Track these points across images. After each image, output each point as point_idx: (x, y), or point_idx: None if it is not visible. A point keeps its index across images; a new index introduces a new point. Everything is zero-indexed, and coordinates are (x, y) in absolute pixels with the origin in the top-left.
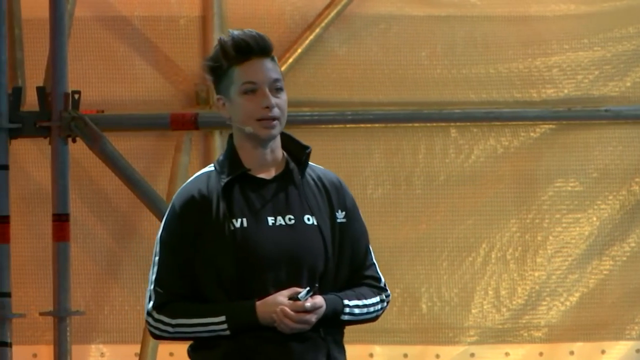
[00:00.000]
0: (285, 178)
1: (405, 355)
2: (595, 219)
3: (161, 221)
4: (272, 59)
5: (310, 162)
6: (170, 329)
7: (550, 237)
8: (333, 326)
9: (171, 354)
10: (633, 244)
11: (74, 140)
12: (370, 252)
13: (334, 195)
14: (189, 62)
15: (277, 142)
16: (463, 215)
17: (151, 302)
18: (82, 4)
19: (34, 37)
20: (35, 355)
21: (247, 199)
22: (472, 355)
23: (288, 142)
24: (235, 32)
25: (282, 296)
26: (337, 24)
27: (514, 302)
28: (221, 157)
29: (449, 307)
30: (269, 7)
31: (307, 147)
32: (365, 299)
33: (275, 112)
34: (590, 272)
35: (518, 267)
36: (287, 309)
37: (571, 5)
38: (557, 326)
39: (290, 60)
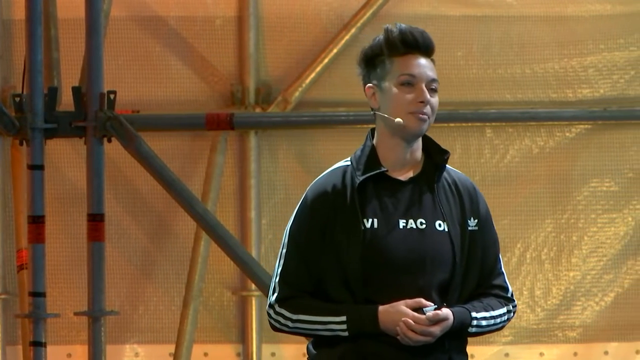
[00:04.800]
0: (420, 181)
1: None
2: (630, 219)
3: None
4: (432, 60)
5: (447, 165)
6: (290, 323)
7: (585, 237)
8: (459, 338)
9: (205, 354)
10: None
11: (109, 140)
12: (500, 261)
13: (467, 202)
14: (225, 62)
15: (419, 143)
16: (498, 215)
17: (274, 295)
18: (117, 4)
19: (70, 37)
20: (69, 355)
21: (380, 200)
22: (507, 355)
23: (428, 144)
24: (403, 25)
25: (405, 306)
26: (373, 24)
27: (548, 302)
28: (358, 152)
29: None
30: (305, 7)
31: (446, 152)
32: (493, 310)
33: (428, 109)
34: (626, 272)
35: (553, 267)
36: (411, 321)
37: (607, 5)
38: (592, 326)
39: (326, 60)
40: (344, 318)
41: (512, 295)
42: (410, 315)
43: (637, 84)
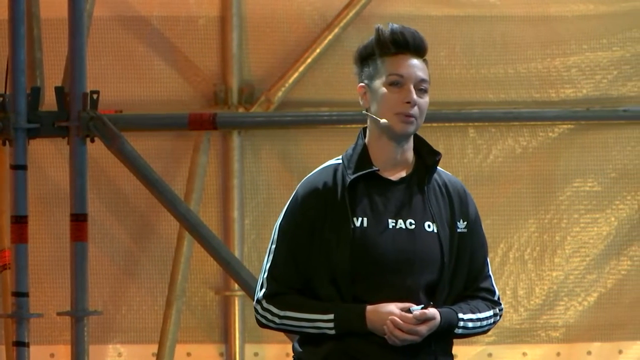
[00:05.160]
0: (411, 181)
1: None
2: (613, 219)
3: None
4: (424, 61)
5: (438, 167)
6: (277, 319)
7: (568, 237)
8: (445, 339)
9: (188, 354)
10: None
11: (92, 140)
12: (488, 264)
13: (457, 204)
14: (208, 62)
15: (410, 143)
16: (481, 215)
17: (262, 291)
18: (100, 3)
19: (53, 37)
20: (52, 355)
21: (370, 199)
22: (490, 355)
23: (420, 145)
24: (395, 25)
25: (393, 306)
26: (356, 24)
27: (531, 302)
28: (350, 151)
29: None
30: (288, 8)
31: (437, 154)
32: (480, 312)
33: (415, 110)
34: (608, 272)
35: (536, 267)
36: (398, 319)
37: (590, 5)
38: (575, 326)
39: (309, 60)
40: (331, 316)
41: (499, 298)
42: (398, 313)
43: (620, 84)
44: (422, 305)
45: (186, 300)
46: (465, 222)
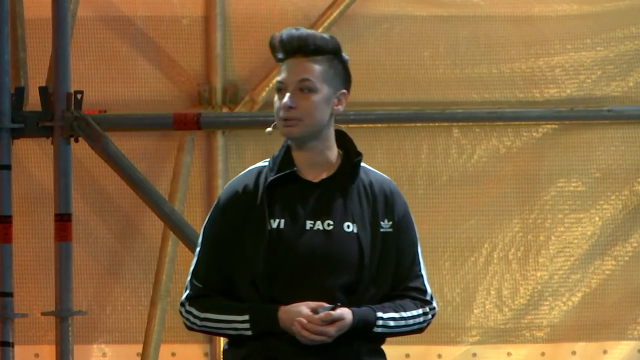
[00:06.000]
0: (332, 182)
1: (407, 355)
2: (597, 219)
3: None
4: (315, 59)
5: (366, 166)
6: (198, 322)
7: (553, 237)
8: (367, 338)
9: (173, 354)
10: (635, 244)
11: (76, 140)
12: (419, 264)
13: (381, 204)
14: (192, 62)
15: (328, 143)
16: (465, 215)
17: (186, 293)
18: (84, 3)
19: (37, 37)
20: (37, 355)
21: (289, 200)
22: (474, 355)
23: (348, 145)
24: (283, 31)
25: (305, 306)
26: (340, 24)
27: (516, 302)
28: (276, 153)
29: (451, 307)
30: (272, 7)
31: (358, 155)
32: (404, 311)
33: (293, 112)
34: (593, 272)
35: (520, 267)
36: (304, 321)
37: (574, 5)
38: (559, 326)
39: None
40: (246, 317)
41: (431, 297)
42: (305, 314)
43: (604, 84)
44: (332, 306)
45: (170, 300)
46: (391, 222)
